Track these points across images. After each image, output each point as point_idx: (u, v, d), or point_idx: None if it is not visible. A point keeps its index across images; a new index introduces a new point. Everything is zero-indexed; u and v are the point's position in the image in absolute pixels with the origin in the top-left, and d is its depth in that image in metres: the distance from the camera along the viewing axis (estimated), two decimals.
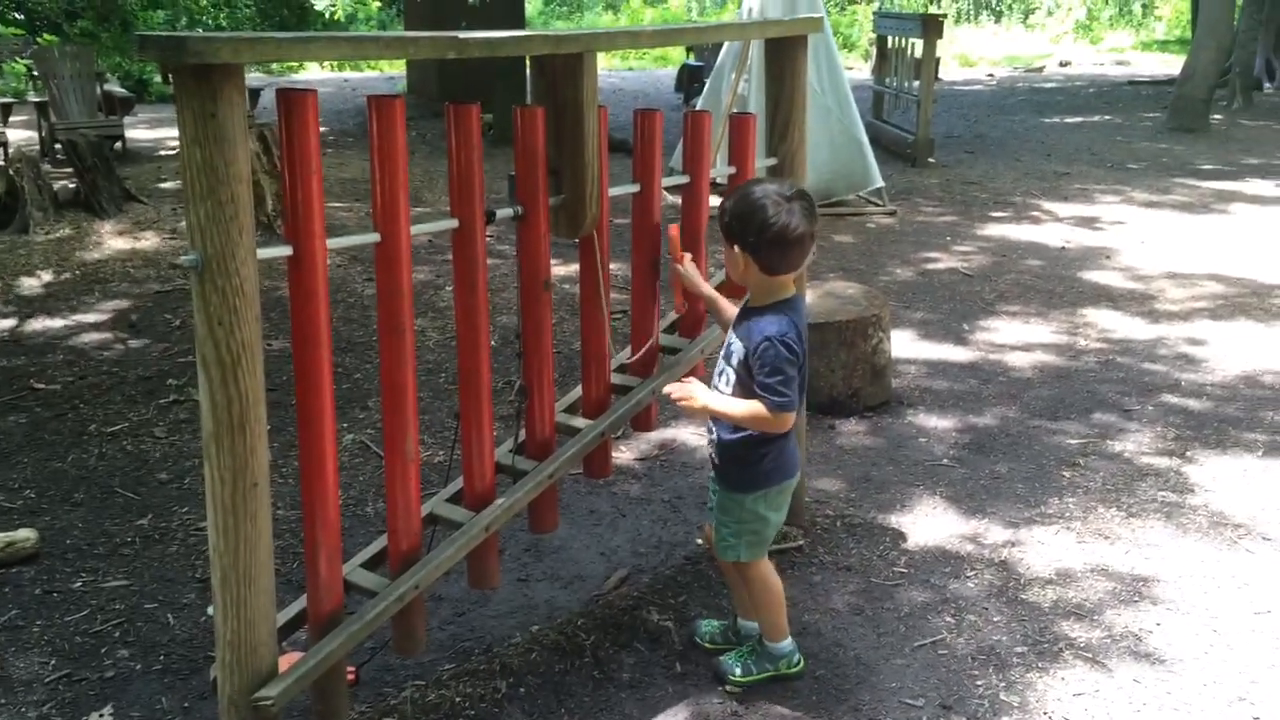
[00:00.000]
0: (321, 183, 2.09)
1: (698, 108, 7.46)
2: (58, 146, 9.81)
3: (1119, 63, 23.09)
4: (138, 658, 2.86)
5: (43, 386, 4.77)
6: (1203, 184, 9.57)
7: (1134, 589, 3.14)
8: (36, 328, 5.59)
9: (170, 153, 10.91)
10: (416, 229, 2.29)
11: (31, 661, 2.85)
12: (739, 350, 2.51)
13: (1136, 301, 6.06)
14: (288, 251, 2.08)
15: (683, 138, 3.02)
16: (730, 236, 2.49)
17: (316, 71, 20.85)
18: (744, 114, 3.06)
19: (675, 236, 2.82)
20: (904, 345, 5.23)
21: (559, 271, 4.23)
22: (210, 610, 2.16)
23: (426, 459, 3.94)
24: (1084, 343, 5.35)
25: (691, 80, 14.64)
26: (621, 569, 3.29)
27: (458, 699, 2.62)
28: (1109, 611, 3.03)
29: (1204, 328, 5.57)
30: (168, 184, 9.15)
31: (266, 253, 2.02)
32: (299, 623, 2.38)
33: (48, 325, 5.63)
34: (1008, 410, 4.49)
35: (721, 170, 3.08)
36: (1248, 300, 6.04)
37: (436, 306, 5.90)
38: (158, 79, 15.85)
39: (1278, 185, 9.52)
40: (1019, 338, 5.43)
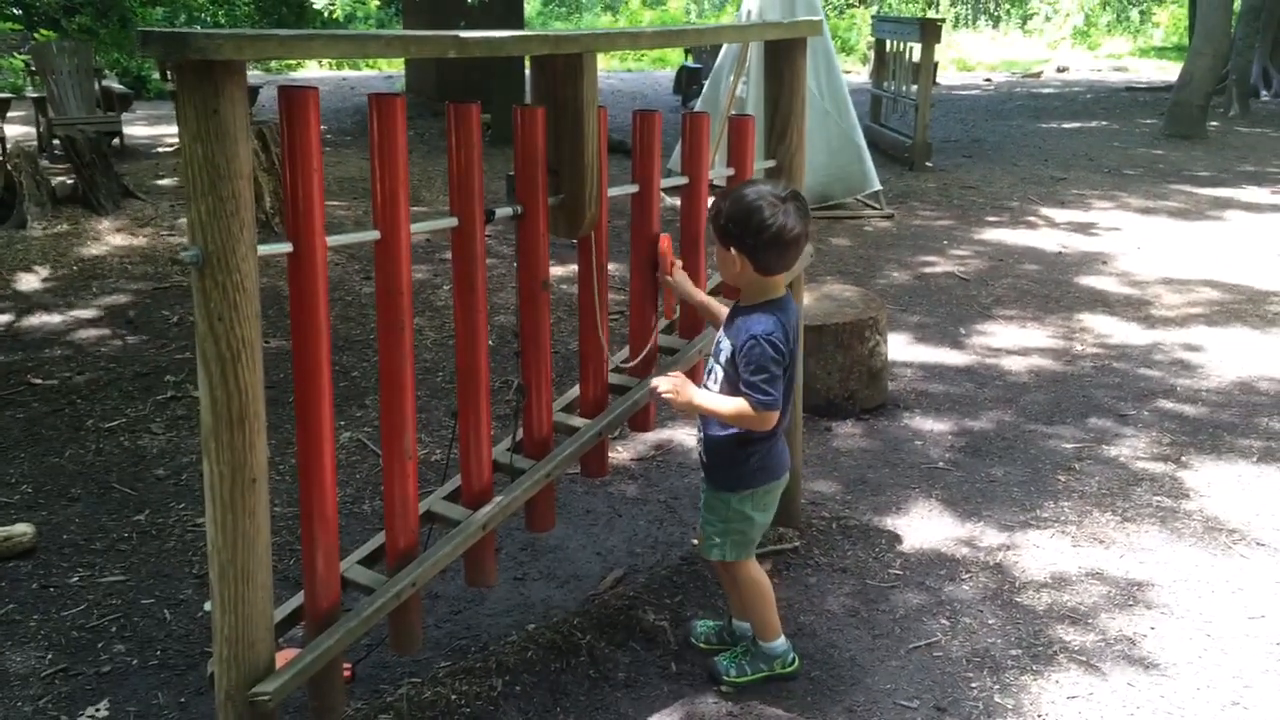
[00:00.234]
0: (322, 180, 2.10)
1: (696, 109, 7.47)
2: (56, 142, 9.80)
3: (1117, 69, 23.14)
4: (134, 653, 2.86)
5: (40, 382, 4.77)
6: (1199, 190, 9.59)
7: (1128, 593, 3.15)
8: (34, 323, 5.59)
9: (168, 149, 10.91)
10: (416, 227, 2.29)
11: (28, 656, 2.85)
12: (727, 348, 2.53)
13: (1132, 307, 6.07)
14: (288, 248, 2.08)
15: (681, 139, 3.02)
16: (726, 238, 2.50)
17: (315, 70, 20.85)
18: (743, 116, 3.07)
19: (665, 249, 2.81)
20: (900, 348, 5.24)
21: (556, 272, 4.23)
22: (207, 606, 2.16)
23: (424, 457, 3.95)
24: (1080, 347, 5.36)
25: (690, 82, 14.66)
26: (617, 569, 3.30)
27: (453, 696, 2.63)
28: (1103, 615, 3.04)
29: (1200, 333, 5.58)
30: (166, 180, 9.14)
31: (267, 249, 2.03)
32: (296, 619, 2.38)
33: (45, 321, 5.63)
34: (1003, 414, 4.51)
35: (720, 172, 3.08)
36: (1243, 306, 6.06)
37: (434, 305, 5.90)
38: (156, 76, 15.83)
39: (1273, 192, 9.55)
40: (1015, 342, 5.44)
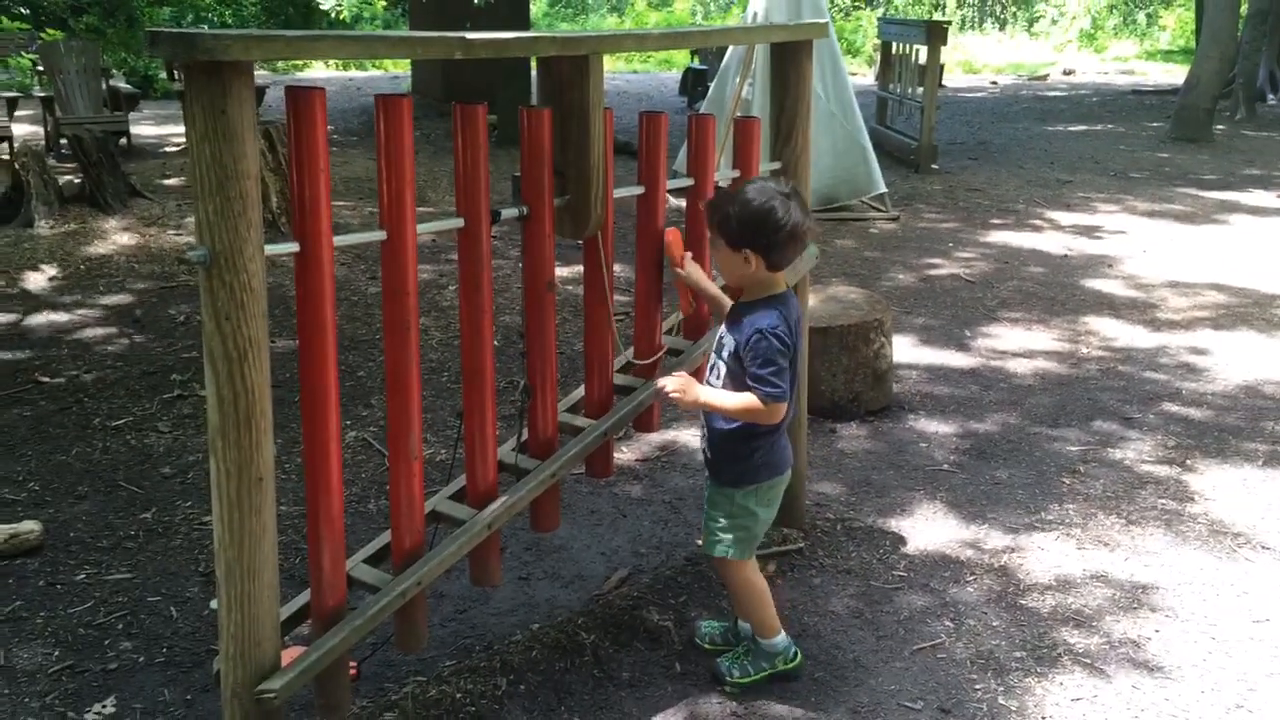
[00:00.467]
0: (329, 180, 2.11)
1: (702, 111, 7.46)
2: (63, 141, 9.82)
3: (1123, 72, 23.09)
4: (141, 650, 2.87)
5: (47, 380, 4.79)
6: (1205, 194, 9.58)
7: (1133, 596, 3.15)
8: (41, 322, 5.61)
9: (175, 149, 10.93)
10: (423, 227, 2.30)
11: (35, 653, 2.86)
12: (730, 344, 2.54)
13: (1138, 310, 6.06)
14: (295, 248, 2.09)
15: (687, 141, 3.03)
16: (733, 239, 2.50)
17: (321, 70, 20.87)
18: (748, 117, 3.07)
19: (674, 241, 2.81)
20: (905, 350, 5.24)
21: (562, 273, 4.24)
22: (213, 604, 2.17)
23: (429, 457, 3.95)
24: (1085, 350, 5.36)
25: (696, 83, 14.66)
26: (622, 569, 3.30)
27: (458, 695, 2.63)
28: (1108, 618, 3.04)
29: (1205, 337, 5.57)
30: (172, 180, 9.17)
31: (274, 249, 2.04)
32: (301, 617, 2.40)
33: (52, 319, 5.65)
34: (1009, 416, 4.50)
35: (725, 173, 3.09)
36: (1249, 310, 6.05)
37: (439, 305, 5.91)
38: (163, 75, 15.86)
39: (1279, 196, 9.53)
40: (1020, 344, 5.44)
